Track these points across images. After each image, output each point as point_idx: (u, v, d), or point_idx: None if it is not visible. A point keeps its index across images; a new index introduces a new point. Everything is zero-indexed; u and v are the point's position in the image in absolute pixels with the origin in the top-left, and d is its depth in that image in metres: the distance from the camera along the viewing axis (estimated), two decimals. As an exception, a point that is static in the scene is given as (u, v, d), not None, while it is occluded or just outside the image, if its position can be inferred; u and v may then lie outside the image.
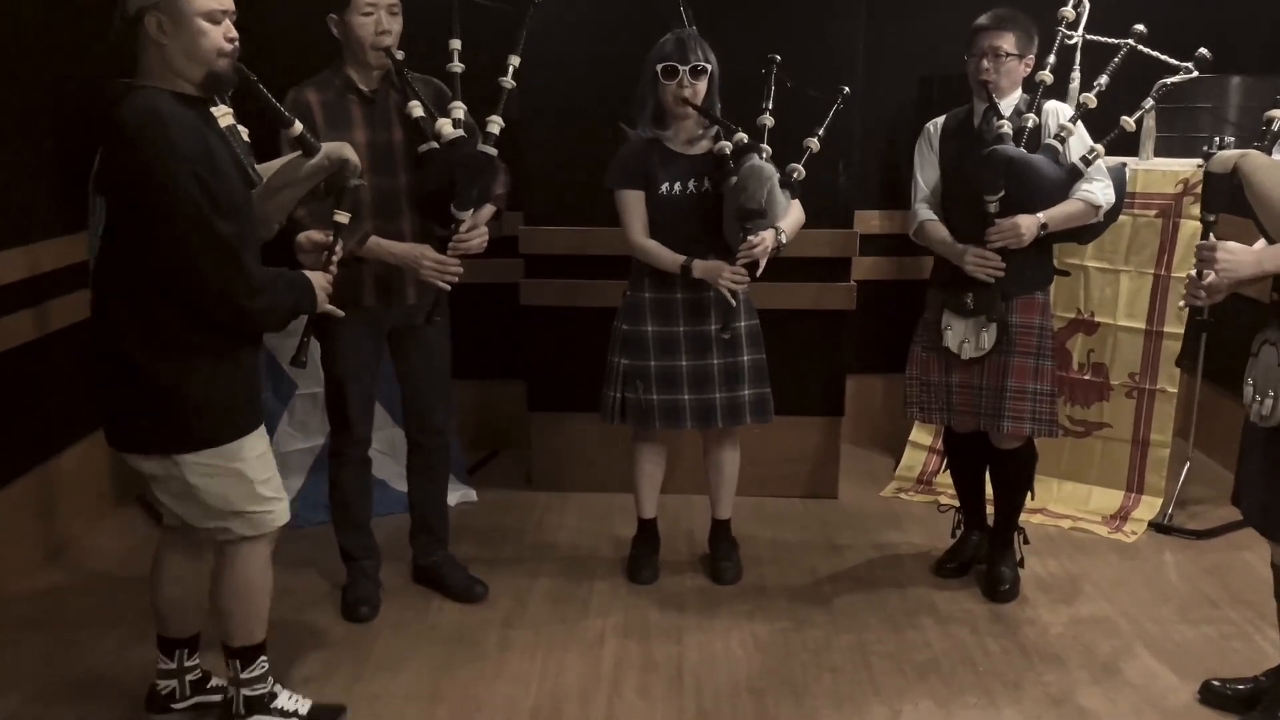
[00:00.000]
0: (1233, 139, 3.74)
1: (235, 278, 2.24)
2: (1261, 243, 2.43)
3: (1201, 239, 2.43)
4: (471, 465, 4.34)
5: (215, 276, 2.22)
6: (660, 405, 3.25)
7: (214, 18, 2.21)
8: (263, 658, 2.55)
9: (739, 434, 3.43)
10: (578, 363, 3.77)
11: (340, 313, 2.51)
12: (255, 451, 2.41)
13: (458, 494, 4.01)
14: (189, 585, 2.58)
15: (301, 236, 2.57)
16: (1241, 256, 2.36)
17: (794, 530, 3.87)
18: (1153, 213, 3.81)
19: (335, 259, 2.52)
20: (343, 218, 2.53)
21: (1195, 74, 3.07)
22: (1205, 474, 4.13)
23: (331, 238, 2.52)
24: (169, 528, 2.55)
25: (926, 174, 3.30)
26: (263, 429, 2.46)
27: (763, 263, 3.12)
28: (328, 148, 2.47)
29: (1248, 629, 3.15)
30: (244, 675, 2.53)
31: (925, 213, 3.29)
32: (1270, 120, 2.46)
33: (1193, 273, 2.44)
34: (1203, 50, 3.01)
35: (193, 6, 2.18)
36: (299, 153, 2.45)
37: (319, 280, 2.45)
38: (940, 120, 3.31)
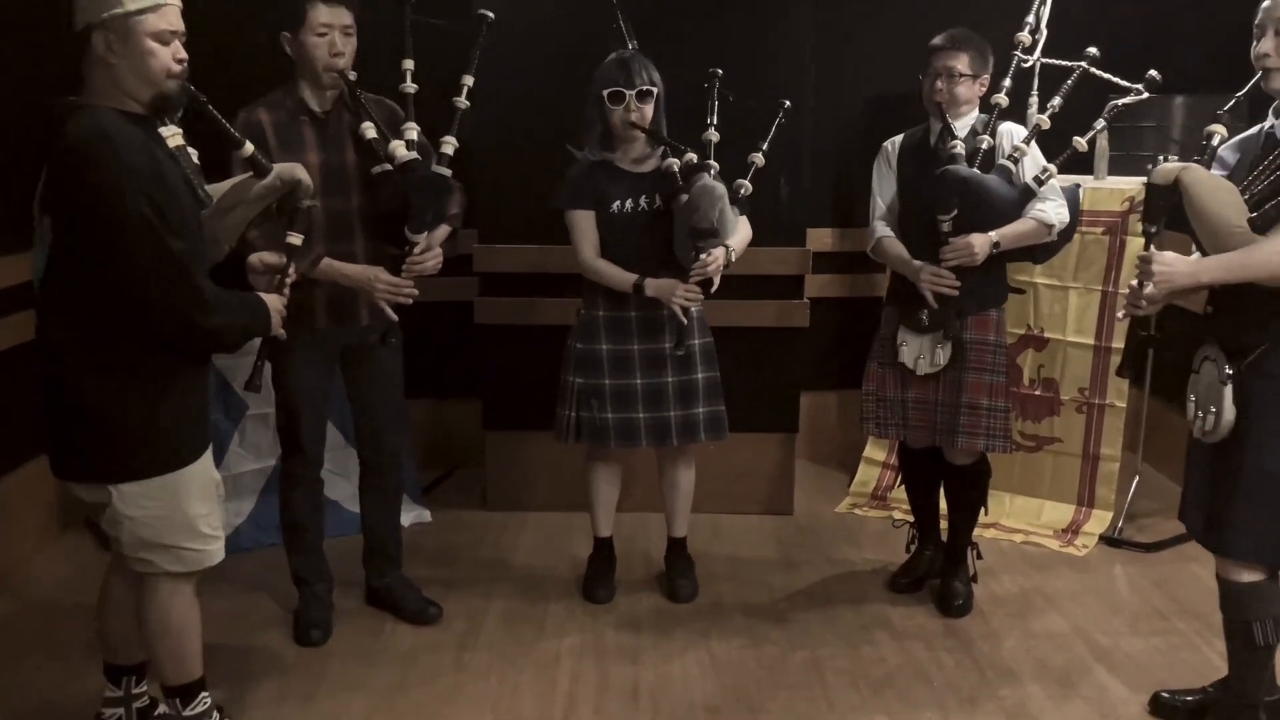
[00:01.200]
0: (1176, 156, 3.82)
1: (190, 297, 2.21)
2: (1198, 255, 2.48)
3: (1143, 249, 2.47)
4: (426, 485, 4.31)
5: (169, 296, 2.19)
6: (615, 424, 3.25)
7: (163, 38, 2.19)
8: (204, 694, 2.49)
9: (694, 452, 3.44)
10: (533, 381, 3.76)
11: (284, 334, 2.47)
12: (198, 483, 2.35)
13: (412, 514, 3.98)
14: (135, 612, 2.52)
15: (254, 258, 2.54)
16: (1178, 267, 2.40)
17: (750, 547, 3.87)
18: (1100, 230, 3.88)
19: (288, 281, 2.50)
20: (295, 239, 2.51)
21: (1145, 95, 3.13)
22: (1154, 487, 4.19)
23: (284, 259, 2.49)
24: (117, 553, 2.51)
25: (884, 192, 3.34)
26: (209, 458, 2.40)
27: (716, 280, 3.14)
28: (279, 168, 2.45)
29: (1196, 640, 3.20)
30: (186, 713, 2.46)
31: (882, 230, 3.32)
32: (1210, 135, 2.52)
33: (1133, 283, 2.49)
34: (1153, 72, 3.07)
35: (142, 26, 2.16)
36: (250, 173, 2.43)
37: (273, 303, 2.42)
38: (898, 139, 3.35)
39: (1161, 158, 3.83)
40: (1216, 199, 2.37)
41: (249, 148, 2.42)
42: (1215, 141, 2.51)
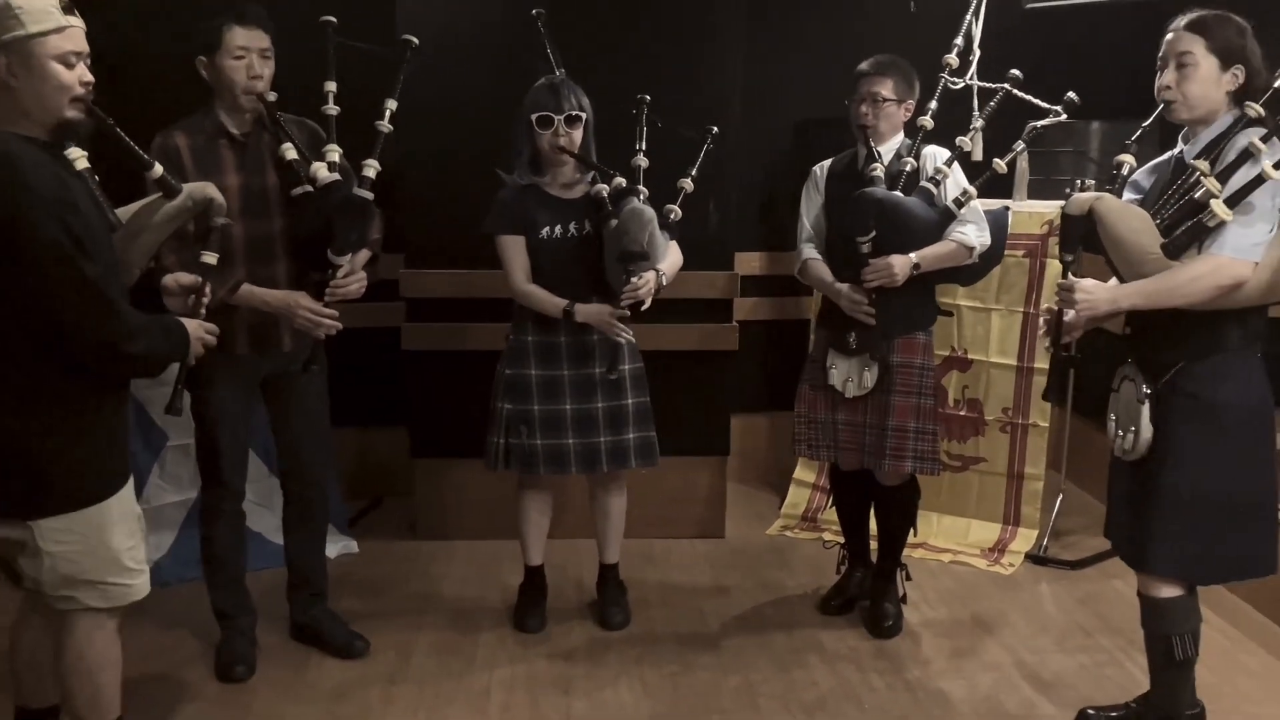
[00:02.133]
0: (1093, 181, 3.90)
1: (109, 322, 2.14)
2: (1115, 281, 2.53)
3: (1061, 278, 2.52)
4: (353, 515, 4.23)
5: (88, 322, 2.12)
6: (545, 450, 3.22)
7: (67, 60, 2.13)
8: None
9: (625, 477, 3.42)
10: (462, 408, 3.71)
11: (202, 351, 2.41)
12: (120, 516, 2.27)
13: (339, 545, 3.90)
14: (50, 652, 2.41)
15: (168, 279, 2.47)
16: (1098, 295, 2.45)
17: (682, 572, 3.86)
18: (1021, 253, 3.95)
19: (205, 302, 2.44)
20: (210, 258, 2.46)
21: (1065, 117, 3.19)
22: (1078, 505, 4.26)
23: (200, 280, 2.44)
24: (30, 590, 2.41)
25: (811, 215, 3.37)
26: (130, 490, 2.33)
27: (647, 302, 3.13)
28: (190, 188, 2.40)
29: (1120, 656, 3.25)
30: None
31: (809, 252, 3.35)
32: (1120, 164, 2.58)
33: (1051, 305, 2.53)
34: (1071, 95, 3.14)
35: (44, 49, 2.10)
36: (159, 194, 2.38)
37: (192, 327, 2.36)
38: (826, 163, 3.39)
39: (1078, 182, 3.91)
40: (1130, 227, 2.42)
41: (158, 169, 2.37)
42: (1125, 170, 2.58)
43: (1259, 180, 2.27)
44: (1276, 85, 2.38)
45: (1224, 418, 2.44)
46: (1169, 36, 2.46)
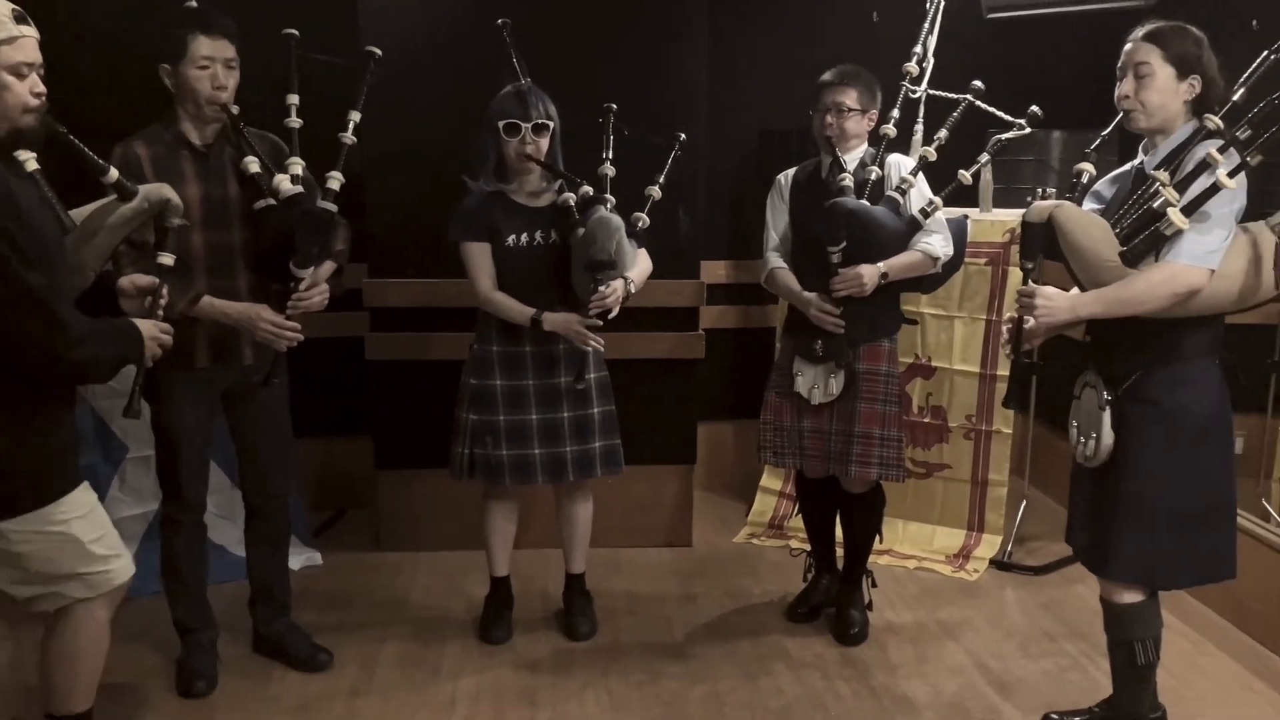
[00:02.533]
0: (1054, 190, 3.95)
1: (51, 331, 2.12)
2: (1075, 289, 2.56)
3: (1022, 285, 2.54)
4: (317, 527, 4.20)
5: (30, 331, 2.10)
6: (510, 460, 3.21)
7: (19, 71, 2.11)
8: None
9: (591, 487, 3.41)
10: (426, 418, 3.69)
11: (159, 353, 2.38)
12: (81, 509, 2.29)
13: (302, 557, 3.87)
14: (4, 666, 2.40)
15: (124, 281, 2.44)
16: (1058, 302, 2.48)
17: (649, 581, 3.86)
18: (983, 261, 3.98)
19: (162, 304, 2.41)
20: (167, 259, 2.44)
21: (1028, 130, 3.23)
22: (1041, 510, 4.30)
23: (156, 281, 2.41)
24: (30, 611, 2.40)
25: (777, 223, 3.39)
26: (86, 487, 2.34)
27: (615, 310, 3.13)
28: (146, 189, 2.39)
29: (1083, 661, 3.27)
30: None
31: (775, 260, 3.37)
32: (1079, 173, 2.61)
33: (1012, 314, 2.55)
34: (1034, 108, 3.17)
35: None
36: (114, 197, 2.35)
37: (147, 328, 2.34)
38: (791, 172, 3.41)
39: (1039, 191, 3.96)
40: (1089, 235, 2.45)
41: (114, 173, 2.36)
42: (1085, 179, 2.61)
43: (1214, 189, 2.30)
44: (1235, 99, 2.41)
45: (1183, 424, 2.47)
46: (1127, 47, 2.50)
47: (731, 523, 4.39)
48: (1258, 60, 2.40)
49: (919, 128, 3.83)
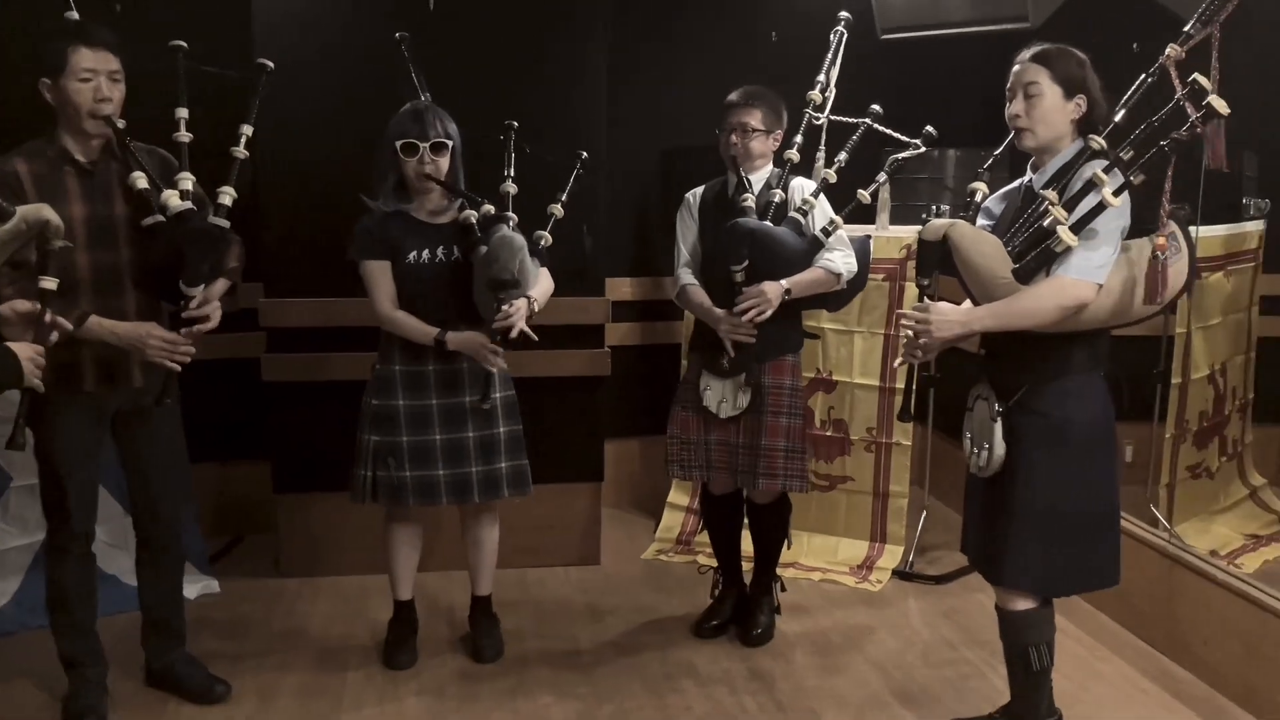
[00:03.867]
0: (948, 207, 4.05)
1: None
2: (968, 303, 2.62)
3: (917, 300, 2.59)
4: (213, 553, 4.07)
5: None
6: (414, 482, 3.16)
7: None
8: None
9: (498, 507, 3.38)
10: (326, 440, 3.61)
11: (39, 385, 2.28)
12: None
13: (198, 585, 3.76)
14: None
15: (3, 308, 2.34)
16: (951, 316, 2.53)
17: (557, 600, 3.83)
18: (881, 277, 4.06)
19: (54, 334, 2.32)
20: (50, 284, 2.34)
21: (923, 149, 3.30)
22: (941, 520, 4.38)
23: (38, 306, 2.32)
24: None
25: (687, 241, 3.42)
26: None
27: (527, 329, 3.10)
28: (23, 210, 2.28)
29: (983, 668, 3.34)
30: None
31: (686, 277, 3.40)
32: (972, 192, 2.68)
33: (907, 332, 2.61)
34: (929, 128, 3.25)
35: None
36: None
37: (23, 351, 2.24)
38: (699, 190, 3.44)
39: (934, 208, 4.06)
40: (981, 252, 2.51)
41: None
42: (978, 198, 2.69)
43: (1101, 207, 2.37)
44: (1116, 120, 2.49)
45: (1071, 435, 2.53)
46: (1016, 68, 2.57)
47: (639, 539, 4.39)
48: (1136, 83, 2.49)
49: (821, 152, 3.87)
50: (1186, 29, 2.38)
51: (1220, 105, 2.27)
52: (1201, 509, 4.14)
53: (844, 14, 3.47)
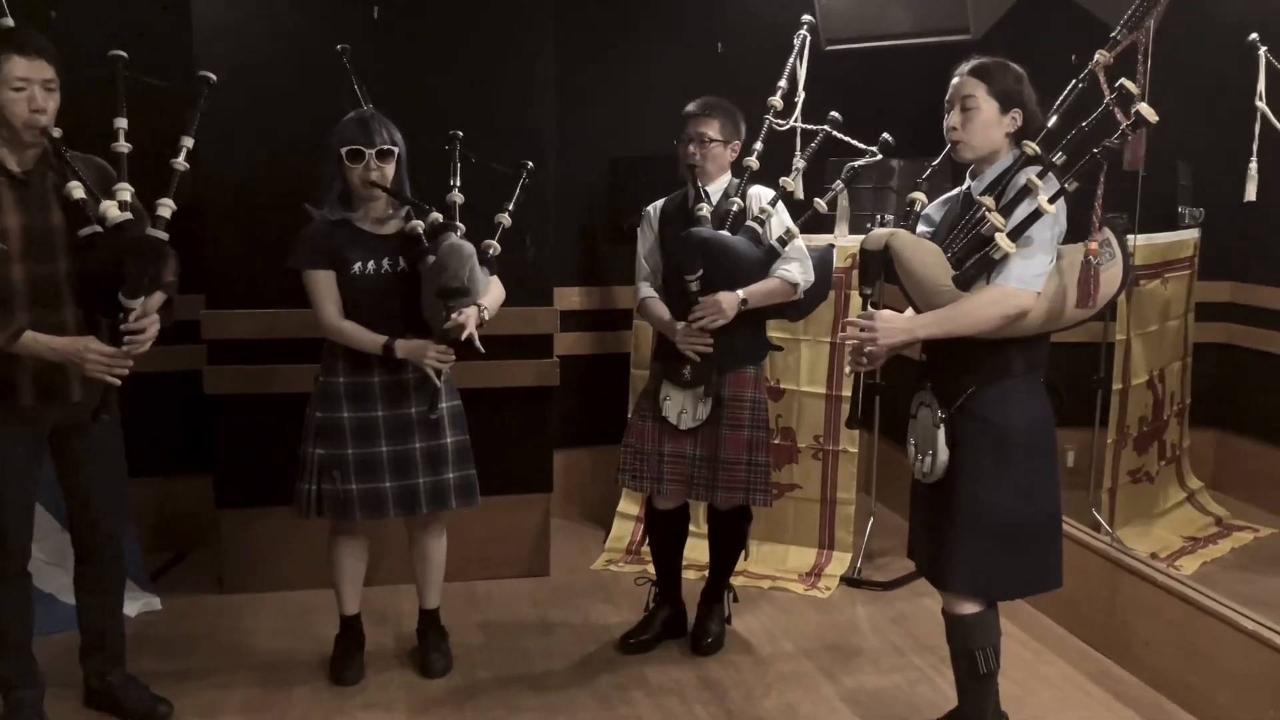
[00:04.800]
0: (893, 216, 4.09)
1: None
2: (911, 311, 2.65)
3: (861, 309, 2.61)
4: (155, 570, 4.00)
5: None
6: (360, 495, 3.12)
7: None
8: None
9: (445, 519, 3.35)
10: (270, 454, 3.56)
11: None
12: None
13: (139, 602, 3.68)
14: None
15: None
16: (895, 324, 2.56)
17: (506, 613, 3.81)
18: (828, 285, 4.08)
19: None
20: None
21: (880, 157, 3.33)
22: (888, 526, 4.41)
23: None
24: None
25: (647, 254, 3.43)
26: None
27: (475, 337, 3.07)
28: None
29: (931, 674, 3.37)
30: None
31: (646, 290, 3.41)
32: (912, 202, 2.73)
33: (853, 341, 2.63)
34: (886, 136, 3.27)
35: None
36: None
37: None
38: (660, 202, 3.45)
39: (879, 217, 4.10)
40: (922, 261, 2.54)
41: None
42: (918, 207, 2.73)
43: (1037, 214, 2.41)
44: (1050, 126, 2.54)
45: (1012, 439, 2.57)
46: (954, 81, 2.61)
47: (589, 550, 4.38)
48: (1067, 89, 2.53)
49: (800, 161, 3.86)
50: (1113, 34, 2.42)
51: (1149, 113, 2.31)
52: (1142, 513, 4.22)
53: (807, 17, 3.50)
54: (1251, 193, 3.62)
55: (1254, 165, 3.59)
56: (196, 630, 3.61)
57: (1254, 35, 3.63)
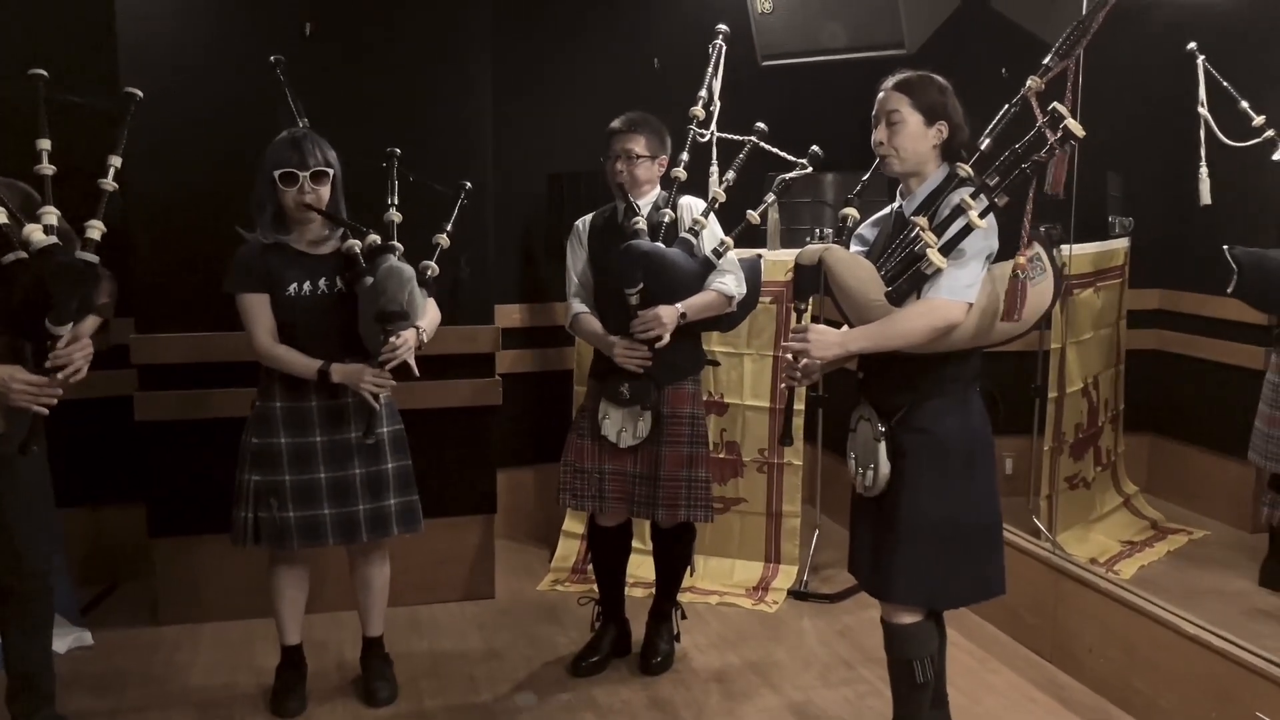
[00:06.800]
0: (830, 230, 4.12)
1: None
2: (846, 326, 2.66)
3: (796, 323, 2.62)
4: (85, 604, 3.88)
5: None
6: (298, 522, 3.05)
7: None
8: None
9: (388, 545, 3.29)
10: (205, 481, 3.48)
11: None
12: None
13: (69, 638, 3.56)
14: None
15: None
16: (829, 338, 2.57)
17: (451, 638, 3.75)
18: (768, 299, 4.10)
19: None
20: None
21: (810, 170, 3.34)
22: (833, 538, 4.42)
23: None
24: None
25: (578, 269, 3.40)
26: None
27: (412, 362, 3.03)
28: None
29: (879, 685, 3.37)
30: None
31: (578, 306, 3.38)
32: (844, 217, 2.74)
33: (788, 355, 2.63)
34: (815, 148, 3.28)
35: None
36: None
37: None
38: (588, 217, 3.43)
39: (817, 231, 4.12)
40: (856, 276, 2.56)
41: None
42: (850, 223, 2.74)
43: (968, 229, 2.43)
44: (982, 149, 2.56)
45: (951, 449, 2.58)
46: (880, 95, 2.63)
47: (535, 570, 4.34)
48: (1000, 113, 2.56)
49: (715, 169, 3.89)
50: (1045, 62, 2.46)
51: (1076, 128, 2.35)
52: (1080, 518, 4.28)
53: (721, 26, 3.49)
54: (1205, 196, 3.70)
55: (1204, 170, 3.67)
56: (130, 665, 3.50)
57: (1192, 44, 3.71)
